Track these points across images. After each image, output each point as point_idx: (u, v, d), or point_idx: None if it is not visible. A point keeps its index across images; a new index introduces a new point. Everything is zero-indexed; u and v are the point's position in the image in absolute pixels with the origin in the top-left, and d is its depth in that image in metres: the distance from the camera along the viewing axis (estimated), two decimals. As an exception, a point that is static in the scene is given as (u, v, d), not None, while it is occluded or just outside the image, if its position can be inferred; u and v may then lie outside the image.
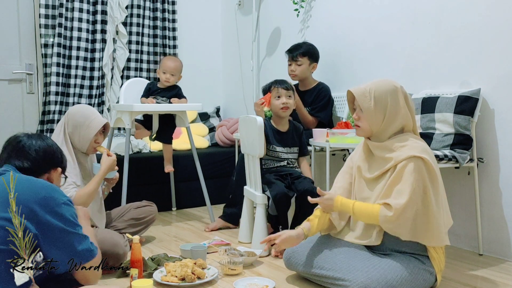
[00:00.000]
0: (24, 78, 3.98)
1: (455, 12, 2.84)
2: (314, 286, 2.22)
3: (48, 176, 1.92)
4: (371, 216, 2.05)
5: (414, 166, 1.99)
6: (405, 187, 1.99)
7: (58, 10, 3.91)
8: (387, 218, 2.00)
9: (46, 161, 1.92)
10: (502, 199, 2.68)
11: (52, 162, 1.94)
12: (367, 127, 2.14)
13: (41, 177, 1.87)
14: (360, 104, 2.12)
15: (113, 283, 2.26)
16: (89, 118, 2.57)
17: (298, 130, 3.06)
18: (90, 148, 2.58)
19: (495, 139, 2.69)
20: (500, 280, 2.35)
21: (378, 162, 2.15)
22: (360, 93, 2.12)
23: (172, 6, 4.54)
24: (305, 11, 3.91)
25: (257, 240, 2.73)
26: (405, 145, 2.06)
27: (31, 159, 1.87)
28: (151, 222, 2.93)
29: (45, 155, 1.91)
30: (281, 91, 2.96)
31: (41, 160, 1.90)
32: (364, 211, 2.08)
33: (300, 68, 3.43)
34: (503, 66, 2.63)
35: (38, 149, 1.90)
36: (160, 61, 3.46)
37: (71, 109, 2.64)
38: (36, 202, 1.65)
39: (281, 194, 2.68)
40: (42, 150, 1.91)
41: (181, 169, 3.83)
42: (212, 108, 4.84)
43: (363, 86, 2.14)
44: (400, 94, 2.12)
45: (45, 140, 1.97)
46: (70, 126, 2.54)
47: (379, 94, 2.10)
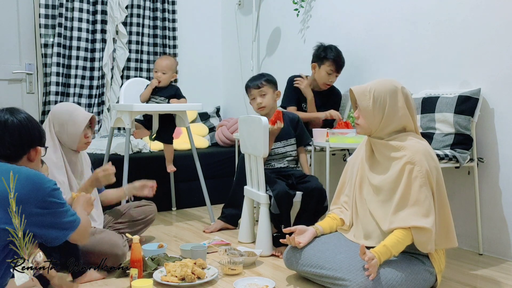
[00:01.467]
0: (24, 78, 3.98)
1: (455, 12, 2.84)
2: (314, 286, 2.22)
3: (28, 157, 1.83)
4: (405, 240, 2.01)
5: (419, 174, 2.01)
6: (420, 201, 2.00)
7: (58, 10, 3.91)
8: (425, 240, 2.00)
9: (24, 143, 1.80)
10: (502, 199, 2.68)
11: (30, 142, 1.82)
12: (365, 125, 2.16)
13: (21, 160, 1.80)
14: (359, 102, 2.15)
15: (113, 283, 2.26)
16: (73, 114, 2.54)
17: (293, 120, 3.01)
18: (80, 144, 2.56)
19: (495, 139, 2.69)
20: (500, 280, 2.35)
21: (380, 164, 2.16)
22: (361, 92, 2.14)
23: (172, 6, 4.54)
24: (305, 11, 3.91)
25: (260, 239, 2.72)
26: (406, 146, 2.07)
27: (8, 146, 1.76)
28: (150, 222, 2.93)
29: (20, 137, 1.78)
30: (254, 92, 2.97)
31: (18, 145, 1.78)
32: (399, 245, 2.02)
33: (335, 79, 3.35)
34: (503, 66, 2.63)
35: (12, 131, 1.77)
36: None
37: (54, 108, 2.62)
38: (23, 198, 1.62)
39: (283, 192, 2.68)
40: (17, 132, 1.77)
41: (181, 169, 3.83)
42: (212, 108, 4.84)
43: (364, 85, 2.16)
44: (400, 94, 2.12)
45: (18, 115, 1.81)
46: (56, 125, 2.53)
47: (378, 94, 2.11)
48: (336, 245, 2.20)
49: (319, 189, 2.72)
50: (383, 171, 2.13)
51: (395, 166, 2.07)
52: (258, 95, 2.95)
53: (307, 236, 2.24)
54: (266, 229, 2.72)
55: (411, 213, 2.00)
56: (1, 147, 1.77)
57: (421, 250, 2.04)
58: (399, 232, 2.01)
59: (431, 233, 1.99)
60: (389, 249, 1.99)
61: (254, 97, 2.97)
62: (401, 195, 2.03)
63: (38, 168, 1.90)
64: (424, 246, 2.01)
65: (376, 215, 2.13)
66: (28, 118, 1.85)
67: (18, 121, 1.80)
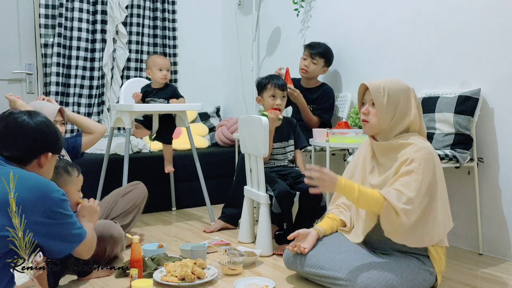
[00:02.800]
0: (24, 78, 3.98)
1: (455, 12, 2.84)
2: (314, 286, 2.22)
3: (38, 162, 1.79)
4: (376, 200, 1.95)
5: (415, 170, 1.99)
6: (412, 181, 1.96)
7: (58, 10, 3.91)
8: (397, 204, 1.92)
9: (37, 147, 1.76)
10: (502, 199, 2.68)
11: (43, 147, 1.78)
12: (376, 123, 2.12)
13: (30, 165, 1.77)
14: (374, 98, 2.10)
15: (113, 283, 2.27)
16: (42, 108, 2.52)
17: (291, 123, 3.03)
18: None
19: (495, 139, 2.69)
20: (500, 280, 2.35)
21: (382, 166, 2.15)
22: (375, 88, 2.10)
23: (172, 6, 4.54)
24: (305, 11, 3.91)
25: (260, 239, 2.72)
26: (408, 147, 2.05)
27: (21, 148, 1.73)
28: (142, 203, 2.89)
29: (35, 141, 1.75)
30: (277, 92, 2.92)
31: (31, 148, 1.74)
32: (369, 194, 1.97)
33: (313, 67, 3.44)
34: (503, 66, 2.63)
35: (26, 133, 1.73)
36: (148, 62, 3.41)
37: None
38: (29, 205, 1.59)
39: (284, 191, 2.68)
40: (31, 135, 1.74)
41: (181, 169, 3.83)
42: (212, 108, 4.84)
43: (377, 82, 2.12)
44: (412, 94, 2.12)
45: (35, 118, 1.78)
46: None
47: (393, 92, 2.09)
48: (336, 245, 2.20)
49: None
50: (384, 173, 2.13)
51: (395, 163, 2.06)
52: (280, 96, 2.93)
53: (310, 240, 2.23)
54: (266, 229, 2.72)
55: (396, 192, 1.95)
56: (13, 148, 1.73)
57: (385, 233, 1.99)
58: (376, 192, 1.97)
59: (401, 224, 1.93)
60: (357, 189, 1.94)
61: (275, 96, 2.92)
62: (395, 179, 2.01)
63: (49, 175, 1.85)
64: (387, 228, 1.96)
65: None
66: (45, 123, 1.81)
67: (34, 124, 1.76)
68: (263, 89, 2.95)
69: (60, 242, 1.74)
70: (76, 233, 1.79)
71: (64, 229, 1.74)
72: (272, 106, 2.91)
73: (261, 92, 2.98)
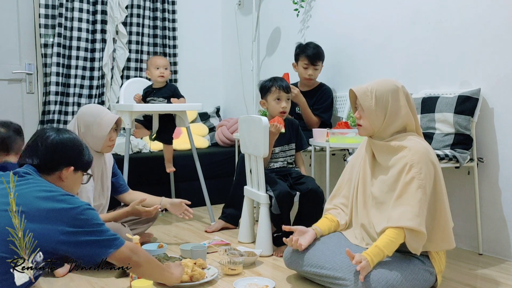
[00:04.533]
0: (24, 78, 3.98)
1: (455, 12, 2.84)
2: (314, 286, 2.22)
3: (59, 175, 1.82)
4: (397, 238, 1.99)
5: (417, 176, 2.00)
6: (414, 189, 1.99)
7: (58, 10, 3.91)
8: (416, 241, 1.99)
9: (56, 158, 1.80)
10: (502, 199, 2.68)
11: (63, 159, 1.82)
12: (368, 126, 2.15)
13: (53, 176, 1.79)
14: (361, 103, 2.13)
15: (113, 283, 2.27)
16: (99, 116, 2.56)
17: (293, 125, 3.00)
18: (104, 146, 2.58)
19: (495, 139, 2.69)
20: (500, 280, 2.35)
21: (381, 166, 2.15)
22: (362, 92, 2.13)
23: (172, 6, 4.54)
24: (305, 11, 3.91)
25: (260, 239, 2.72)
26: (406, 147, 2.06)
27: (40, 156, 1.77)
28: (153, 218, 2.90)
29: (54, 152, 1.80)
30: (282, 94, 2.86)
31: (50, 157, 1.78)
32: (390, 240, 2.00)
33: (317, 73, 3.47)
34: (503, 66, 2.63)
35: (49, 145, 1.79)
36: (147, 63, 3.46)
37: (81, 108, 2.65)
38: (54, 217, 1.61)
39: (284, 193, 2.67)
40: (53, 146, 1.79)
41: (181, 169, 3.83)
42: (212, 108, 4.85)
43: (364, 86, 2.15)
44: (401, 93, 2.13)
45: (62, 134, 1.85)
46: (82, 126, 2.55)
47: (380, 94, 2.11)
48: (336, 245, 2.20)
49: (315, 190, 2.71)
50: (383, 173, 2.13)
51: (395, 168, 2.07)
52: (285, 99, 2.89)
53: (307, 238, 2.23)
54: (266, 229, 2.72)
55: (404, 213, 1.98)
56: (34, 157, 1.78)
57: (410, 250, 2.02)
58: (391, 231, 2.00)
59: (423, 235, 1.99)
60: (381, 249, 1.97)
61: (280, 99, 2.87)
62: (397, 195, 2.03)
63: (71, 190, 1.85)
64: (414, 246, 2.00)
65: (373, 217, 2.13)
66: (72, 139, 1.87)
67: (58, 139, 1.83)
68: (267, 92, 2.90)
69: (92, 247, 1.68)
70: (109, 238, 1.73)
71: (94, 235, 1.69)
72: (278, 110, 2.87)
73: (265, 95, 2.93)
